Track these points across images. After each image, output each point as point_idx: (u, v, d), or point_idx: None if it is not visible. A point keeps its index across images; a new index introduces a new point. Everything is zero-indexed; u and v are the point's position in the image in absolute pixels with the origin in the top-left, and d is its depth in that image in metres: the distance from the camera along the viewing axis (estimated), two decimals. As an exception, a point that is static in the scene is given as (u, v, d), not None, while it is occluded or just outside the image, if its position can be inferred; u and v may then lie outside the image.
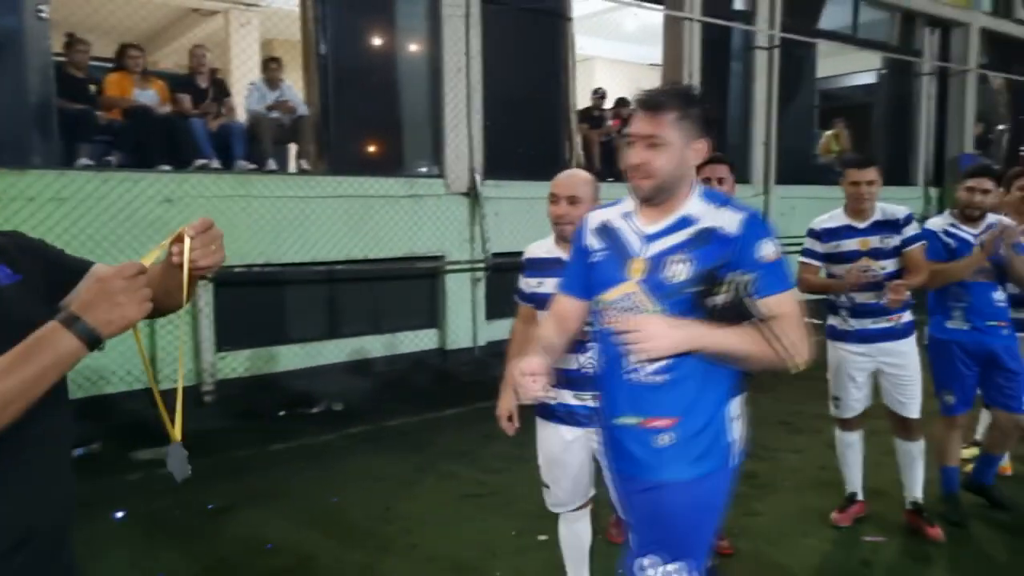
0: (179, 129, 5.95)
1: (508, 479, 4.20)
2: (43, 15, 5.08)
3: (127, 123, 5.76)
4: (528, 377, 1.71)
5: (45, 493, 1.31)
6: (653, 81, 10.88)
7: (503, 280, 7.48)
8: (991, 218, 3.52)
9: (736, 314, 1.69)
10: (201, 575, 3.19)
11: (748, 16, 9.43)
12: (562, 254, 2.54)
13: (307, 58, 6.66)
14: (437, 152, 7.14)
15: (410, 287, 7.03)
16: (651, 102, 1.77)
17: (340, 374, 6.40)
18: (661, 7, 8.44)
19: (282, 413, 5.54)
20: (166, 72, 7.26)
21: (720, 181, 3.07)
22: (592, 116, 9.13)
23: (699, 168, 2.95)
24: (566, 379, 2.52)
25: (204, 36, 10.78)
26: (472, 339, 7.22)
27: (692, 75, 8.35)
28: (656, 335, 1.62)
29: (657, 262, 1.78)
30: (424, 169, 7.24)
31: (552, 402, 2.56)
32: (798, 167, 10.00)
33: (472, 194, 7.13)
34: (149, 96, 5.99)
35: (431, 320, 7.16)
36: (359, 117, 6.85)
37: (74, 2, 6.49)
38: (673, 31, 8.41)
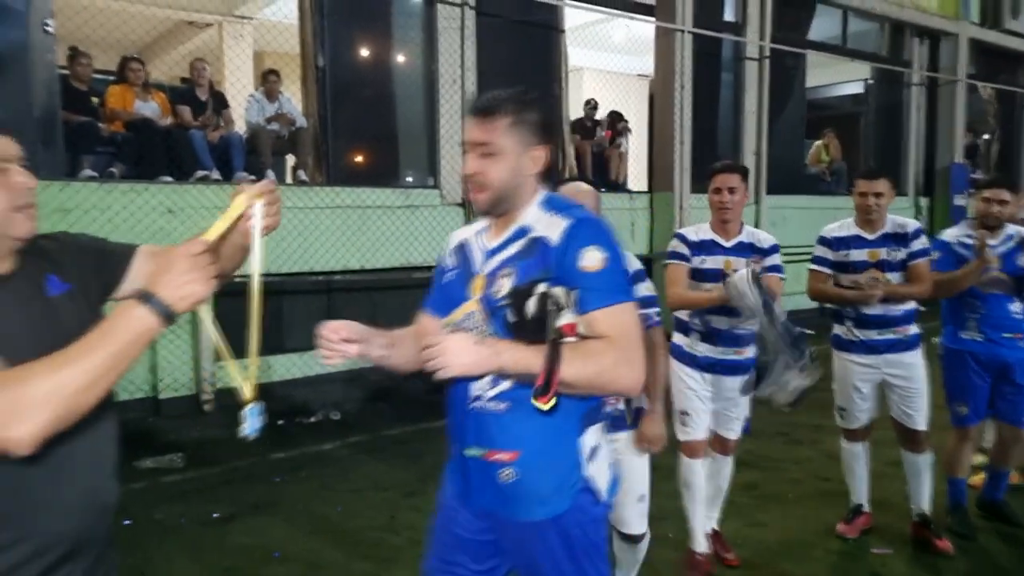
0: (180, 141, 6.01)
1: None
2: (49, 29, 5.15)
3: (129, 135, 5.82)
4: (335, 337, 1.61)
5: (92, 502, 1.39)
6: (642, 91, 11.04)
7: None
8: (1010, 229, 3.50)
9: (540, 330, 1.53)
10: (210, 582, 3.25)
11: (738, 27, 9.59)
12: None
13: (305, 70, 6.74)
14: (432, 163, 7.22)
15: (407, 297, 7.03)
16: (483, 108, 1.63)
17: (337, 384, 6.45)
18: (653, 19, 8.57)
19: (281, 422, 5.60)
20: (166, 84, 7.31)
21: (731, 191, 3.05)
22: (584, 127, 9.25)
23: (712, 177, 3.10)
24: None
25: (197, 48, 10.84)
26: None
27: (683, 86, 8.48)
28: (454, 351, 1.46)
29: (491, 278, 1.65)
30: (411, 179, 7.31)
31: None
32: (788, 177, 10.16)
33: (467, 205, 7.21)
34: (151, 108, 6.05)
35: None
36: (356, 129, 6.93)
37: (77, 16, 6.53)
38: (664, 42, 8.54)
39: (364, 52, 7.16)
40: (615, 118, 9.78)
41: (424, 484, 4.36)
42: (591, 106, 9.56)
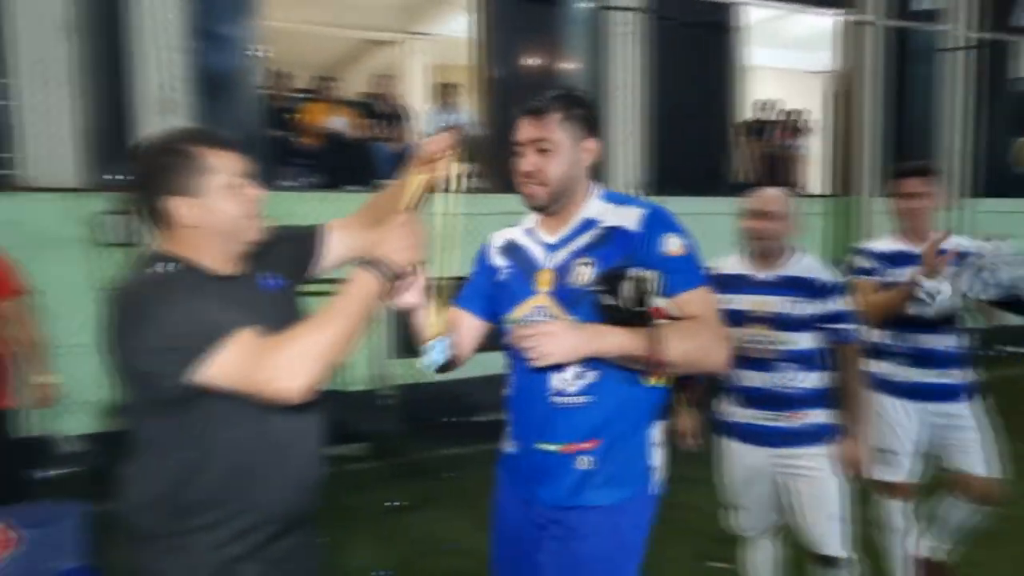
0: (365, 152, 6.44)
1: (671, 499, 4.16)
2: (257, 53, 5.72)
3: (322, 148, 6.33)
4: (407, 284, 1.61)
5: (306, 478, 1.53)
6: (814, 88, 10.32)
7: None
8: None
9: (640, 315, 1.56)
10: (393, 568, 3.42)
11: (932, 16, 8.77)
12: (749, 271, 2.58)
13: (476, 82, 6.98)
14: (599, 170, 7.19)
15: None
16: (534, 107, 1.69)
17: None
18: (840, 10, 8.05)
19: (455, 419, 5.82)
20: (354, 100, 7.87)
21: (921, 196, 2.79)
22: (755, 128, 8.86)
23: (898, 180, 2.84)
24: (753, 397, 2.55)
25: (380, 65, 11.55)
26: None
27: (870, 81, 7.89)
28: (555, 336, 1.52)
29: (563, 270, 1.70)
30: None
31: (736, 421, 2.61)
32: (994, 179, 9.14)
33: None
34: (340, 123, 6.54)
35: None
36: (523, 137, 7.05)
37: (280, 41, 7.19)
38: (850, 36, 8.00)
39: (533, 62, 7.28)
40: (793, 117, 9.27)
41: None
42: (764, 106, 9.13)
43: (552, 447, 1.68)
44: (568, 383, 1.65)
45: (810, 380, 2.51)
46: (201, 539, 1.39)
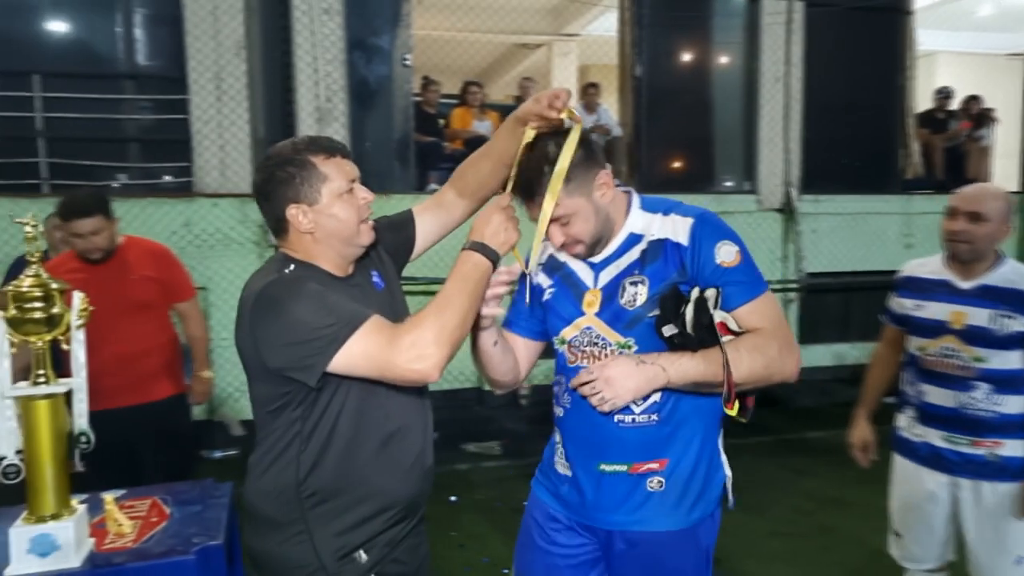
0: (507, 155, 6.53)
1: (821, 521, 3.89)
2: (407, 63, 5.99)
3: (467, 152, 6.48)
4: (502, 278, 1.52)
5: (422, 465, 1.60)
6: (1013, 74, 9.25)
7: (819, 302, 6.97)
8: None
9: (707, 336, 1.46)
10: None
11: None
12: (951, 276, 2.30)
13: (623, 80, 6.88)
14: (749, 167, 6.88)
15: (716, 306, 6.83)
16: (528, 192, 1.52)
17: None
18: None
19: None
20: (499, 104, 8.03)
21: None
22: (934, 119, 8.07)
23: None
24: (936, 417, 2.29)
25: (528, 68, 11.71)
26: (783, 364, 6.80)
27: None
28: (619, 379, 1.45)
29: (612, 290, 1.59)
30: (726, 184, 7.06)
31: (915, 439, 2.36)
32: None
33: (787, 210, 6.75)
34: (485, 127, 6.69)
35: (738, 341, 6.90)
36: (670, 135, 6.87)
37: (429, 49, 7.47)
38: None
39: (681, 57, 7.09)
40: (974, 105, 8.36)
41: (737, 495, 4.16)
42: (943, 95, 8.30)
43: (619, 467, 1.60)
44: (635, 404, 1.56)
45: (1009, 405, 2.19)
46: (324, 526, 1.48)
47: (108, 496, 1.98)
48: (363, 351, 1.36)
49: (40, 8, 5.29)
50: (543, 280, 1.73)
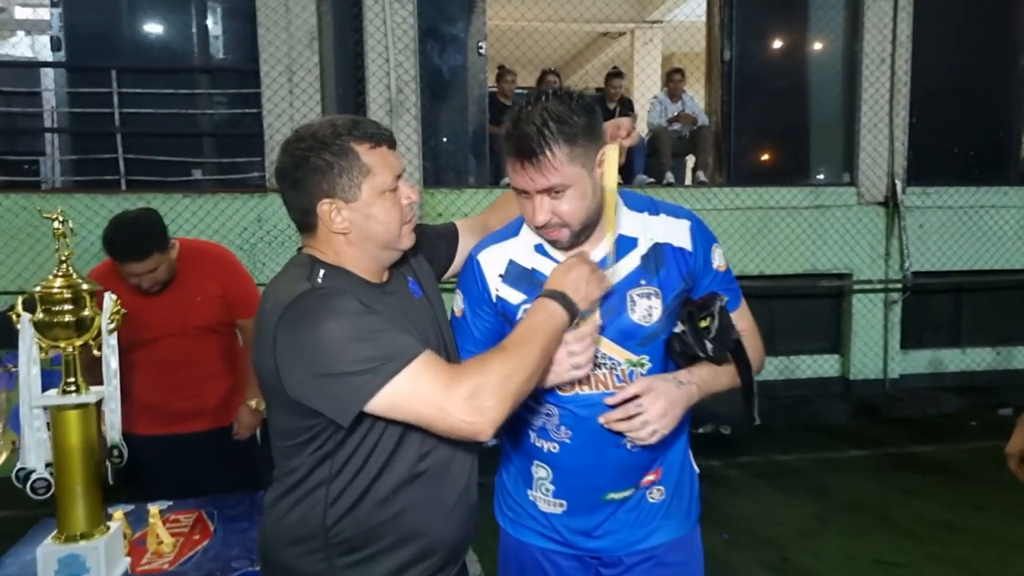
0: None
1: (931, 550, 3.49)
2: (482, 52, 5.83)
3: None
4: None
5: (467, 504, 1.38)
6: None
7: (926, 304, 6.49)
8: None
9: (736, 348, 1.41)
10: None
11: None
12: None
13: (710, 66, 6.54)
14: (849, 157, 6.44)
15: (810, 307, 6.45)
16: (525, 149, 1.27)
17: (727, 395, 6.10)
18: None
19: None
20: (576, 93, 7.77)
21: None
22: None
23: None
24: None
25: (611, 58, 11.39)
26: (882, 370, 6.39)
27: None
28: (664, 411, 1.33)
29: (614, 302, 1.39)
30: (822, 176, 6.66)
31: None
32: None
33: (890, 204, 6.30)
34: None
35: (833, 345, 6.52)
36: (761, 124, 6.51)
37: (504, 37, 7.31)
38: None
39: (774, 40, 6.67)
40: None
41: (824, 524, 3.82)
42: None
43: (626, 492, 1.48)
44: None
45: None
46: (359, 574, 1.28)
47: (154, 508, 1.88)
48: (411, 393, 1.15)
49: (116, 4, 5.37)
50: (510, 294, 1.45)
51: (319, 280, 1.24)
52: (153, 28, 5.53)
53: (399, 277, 1.41)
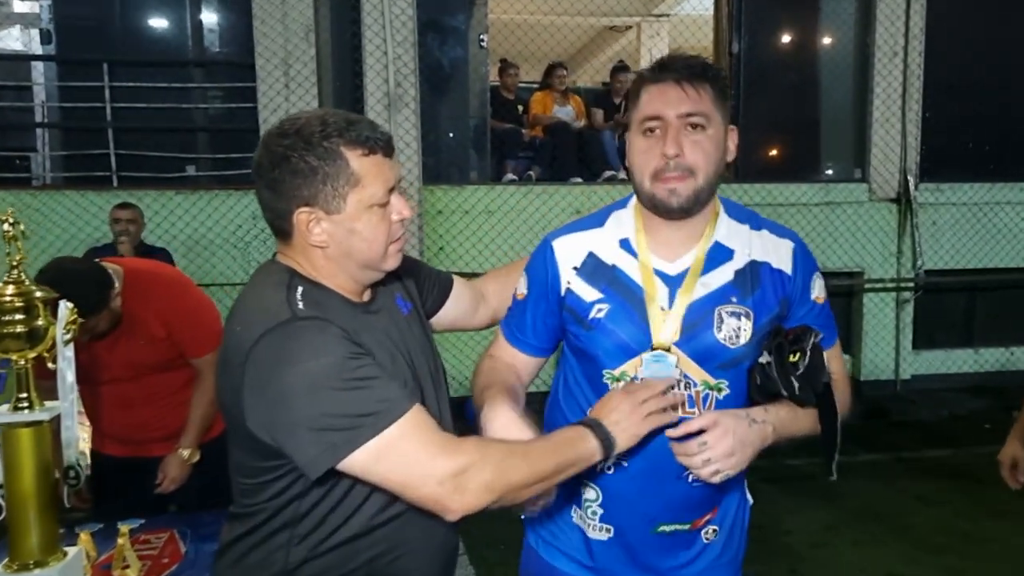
0: (590, 142, 6.17)
1: (950, 562, 3.36)
2: (483, 44, 5.71)
3: (546, 139, 6.16)
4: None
5: (441, 555, 1.27)
6: None
7: (939, 303, 6.36)
8: None
9: (824, 391, 1.26)
10: None
11: None
12: None
13: (718, 59, 6.39)
14: (860, 153, 6.33)
15: (819, 306, 6.31)
16: (690, 68, 1.22)
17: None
18: None
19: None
20: (584, 88, 7.66)
21: None
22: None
23: None
24: None
25: (617, 52, 11.24)
26: (894, 371, 6.28)
27: None
28: (739, 448, 1.18)
29: (699, 316, 1.25)
30: (832, 172, 6.55)
31: None
32: None
33: (902, 200, 6.18)
34: (566, 112, 6.32)
35: (843, 345, 6.28)
36: (770, 118, 6.40)
37: (507, 30, 7.18)
38: None
39: (784, 33, 6.54)
40: None
41: (836, 534, 3.69)
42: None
43: (680, 527, 1.35)
44: None
45: None
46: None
47: (124, 528, 1.76)
48: (392, 454, 1.03)
49: (108, -4, 5.28)
50: (583, 290, 1.31)
51: (299, 304, 1.09)
52: (146, 20, 5.42)
53: (385, 294, 1.27)
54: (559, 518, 1.42)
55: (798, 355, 1.23)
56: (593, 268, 1.31)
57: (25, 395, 1.43)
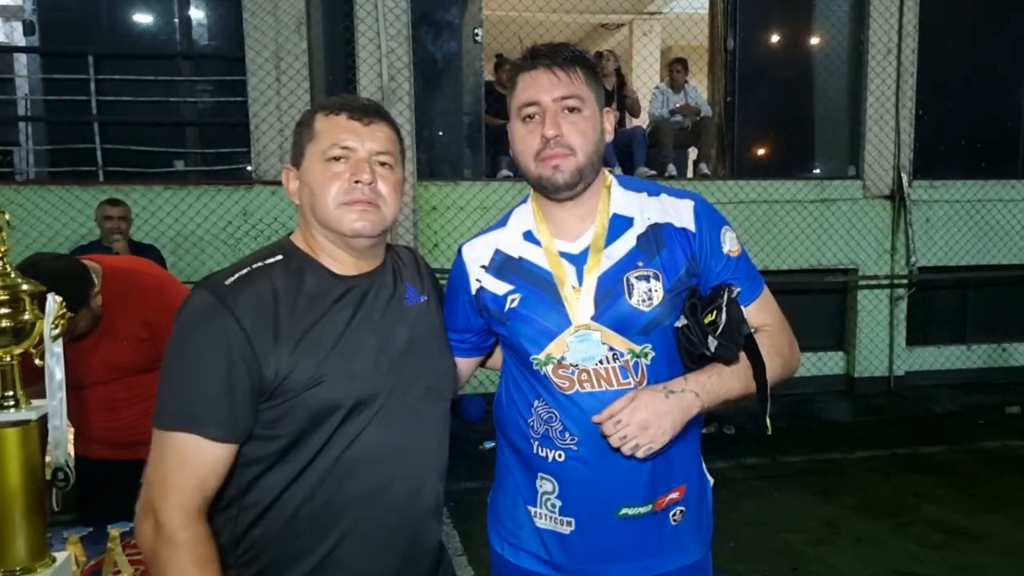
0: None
1: (951, 559, 3.34)
2: (478, 39, 5.65)
3: (542, 134, 6.10)
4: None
5: (398, 545, 1.25)
6: None
7: (933, 300, 6.37)
8: None
9: (748, 344, 1.27)
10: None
11: None
12: None
13: (713, 56, 6.38)
14: (854, 150, 6.33)
15: (815, 302, 6.33)
16: (561, 55, 1.29)
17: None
18: None
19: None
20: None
21: None
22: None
23: None
24: None
25: (610, 48, 11.21)
26: (888, 368, 6.28)
27: None
28: (653, 421, 1.20)
29: (610, 286, 1.28)
30: (826, 169, 6.54)
31: None
32: None
33: (896, 197, 6.18)
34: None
35: (837, 342, 6.41)
36: (765, 115, 6.40)
37: (502, 25, 7.14)
38: None
39: (779, 29, 6.53)
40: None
41: (836, 532, 3.66)
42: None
43: (643, 509, 1.33)
44: None
45: None
46: None
47: (114, 531, 1.69)
48: (157, 451, 1.12)
49: (94, -14, 5.19)
50: (494, 285, 1.35)
51: (233, 277, 1.16)
52: (133, 12, 5.32)
53: (389, 276, 1.29)
54: (520, 518, 1.41)
55: (714, 313, 1.24)
56: (501, 264, 1.36)
57: (11, 393, 1.37)
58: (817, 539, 3.58)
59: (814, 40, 6.51)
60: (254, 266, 1.19)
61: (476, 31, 5.62)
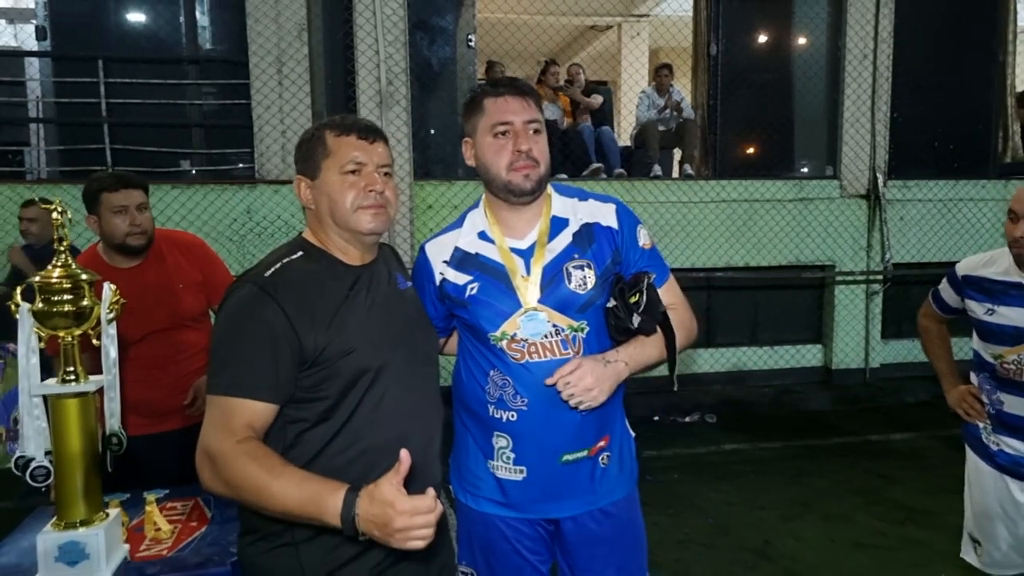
0: (574, 139, 6.31)
1: (910, 533, 3.58)
2: (471, 44, 5.82)
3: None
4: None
5: (416, 404, 1.51)
6: None
7: (906, 295, 6.58)
8: None
9: (663, 320, 1.60)
10: None
11: None
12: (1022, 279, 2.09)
13: (696, 60, 6.57)
14: (832, 151, 6.53)
15: (794, 298, 6.53)
16: (522, 87, 1.62)
17: (714, 385, 6.20)
18: None
19: (656, 419, 5.54)
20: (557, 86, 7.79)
21: None
22: (1037, 99, 7.43)
23: None
24: (1016, 427, 2.14)
25: (598, 52, 11.39)
26: (863, 360, 6.49)
27: None
28: (596, 385, 1.50)
29: (552, 275, 1.59)
30: (806, 169, 6.75)
31: (994, 447, 2.22)
32: None
33: (872, 197, 6.39)
34: (553, 111, 6.46)
35: (815, 335, 6.61)
36: (747, 117, 6.57)
37: (494, 30, 7.31)
38: None
39: (760, 35, 6.72)
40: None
41: (806, 511, 3.90)
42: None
43: (580, 454, 1.63)
44: None
45: None
46: (311, 539, 1.36)
47: (150, 496, 1.90)
48: (210, 410, 1.34)
49: (104, -7, 5.33)
50: (456, 277, 1.64)
51: (270, 270, 1.41)
52: (140, 17, 5.49)
53: (385, 264, 1.57)
54: (480, 472, 1.69)
55: (637, 295, 1.56)
56: (460, 259, 1.65)
57: (72, 369, 1.57)
58: (789, 516, 3.82)
59: (793, 45, 6.71)
60: (284, 261, 1.44)
61: (470, 36, 5.80)
